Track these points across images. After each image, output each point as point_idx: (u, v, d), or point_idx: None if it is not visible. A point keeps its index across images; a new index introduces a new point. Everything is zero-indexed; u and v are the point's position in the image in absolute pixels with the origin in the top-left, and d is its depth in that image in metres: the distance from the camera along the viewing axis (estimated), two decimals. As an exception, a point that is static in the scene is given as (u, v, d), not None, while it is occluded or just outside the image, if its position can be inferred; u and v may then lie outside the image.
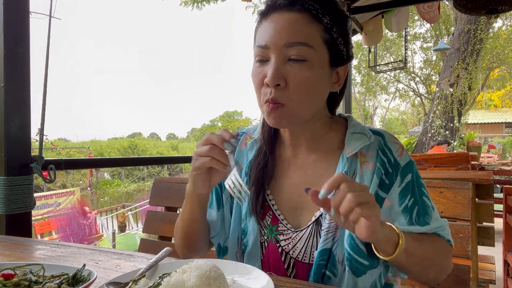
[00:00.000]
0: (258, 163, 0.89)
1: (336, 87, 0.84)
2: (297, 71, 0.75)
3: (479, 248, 2.21)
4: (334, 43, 0.79)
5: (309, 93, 0.77)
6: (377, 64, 6.03)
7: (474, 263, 2.10)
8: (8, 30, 1.28)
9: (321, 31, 0.77)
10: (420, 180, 0.84)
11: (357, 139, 0.83)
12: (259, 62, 0.79)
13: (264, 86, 0.78)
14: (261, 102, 0.80)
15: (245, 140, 0.96)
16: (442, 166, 3.46)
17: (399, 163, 0.82)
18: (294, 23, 0.75)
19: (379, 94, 23.81)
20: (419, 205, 0.81)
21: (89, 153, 23.69)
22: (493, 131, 23.42)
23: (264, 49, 0.77)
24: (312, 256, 0.81)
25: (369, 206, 0.62)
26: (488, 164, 8.04)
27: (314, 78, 0.76)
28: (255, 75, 0.80)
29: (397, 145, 0.84)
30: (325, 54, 0.78)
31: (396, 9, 4.44)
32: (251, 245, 0.86)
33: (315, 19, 0.76)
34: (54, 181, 1.42)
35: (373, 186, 0.80)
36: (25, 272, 0.66)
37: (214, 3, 10.24)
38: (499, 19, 16.18)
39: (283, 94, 0.76)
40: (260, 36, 0.79)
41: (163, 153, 28.30)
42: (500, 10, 2.97)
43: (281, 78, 0.75)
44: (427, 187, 0.86)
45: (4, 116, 1.27)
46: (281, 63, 0.75)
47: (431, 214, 0.82)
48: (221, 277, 0.61)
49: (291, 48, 0.75)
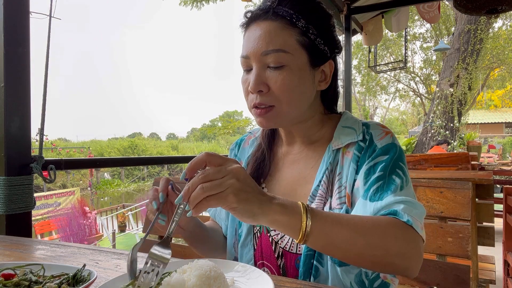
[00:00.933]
0: (255, 158, 0.95)
1: (323, 85, 0.87)
2: (277, 76, 0.79)
3: (479, 248, 2.21)
4: (312, 44, 0.82)
5: (292, 95, 0.81)
6: (377, 64, 6.03)
7: (474, 263, 2.10)
8: (8, 30, 1.28)
9: (296, 35, 0.80)
10: (399, 163, 0.79)
11: (346, 134, 0.85)
12: (245, 71, 0.85)
13: (250, 93, 0.83)
14: (250, 107, 0.85)
15: (249, 139, 1.04)
16: (442, 166, 3.46)
17: (375, 145, 0.81)
18: (268, 32, 0.79)
19: (379, 94, 23.82)
20: (383, 181, 0.76)
21: (89, 153, 23.71)
22: (493, 131, 23.42)
23: (246, 59, 0.82)
24: (299, 247, 0.83)
25: (223, 195, 0.60)
26: (488, 164, 8.04)
27: (294, 81, 0.80)
28: (243, 83, 0.85)
29: (380, 130, 0.84)
30: (303, 56, 0.81)
31: (396, 9, 4.44)
32: (245, 235, 0.91)
33: (289, 24, 0.80)
34: (54, 181, 1.42)
35: (351, 174, 0.81)
36: (25, 272, 0.66)
37: (213, 2, 10.25)
38: (499, 19, 16.19)
39: (269, 98, 0.80)
40: (243, 47, 0.84)
41: (163, 153, 28.31)
42: (500, 10, 2.97)
43: (263, 84, 0.80)
44: (427, 187, 0.85)
45: (4, 116, 1.27)
46: (261, 71, 0.80)
47: (392, 192, 0.74)
48: (221, 277, 0.61)
49: (268, 56, 0.79)
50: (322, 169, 0.85)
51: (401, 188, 0.75)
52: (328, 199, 0.83)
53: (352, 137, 0.84)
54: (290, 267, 0.84)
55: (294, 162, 0.92)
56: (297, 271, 0.83)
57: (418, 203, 0.74)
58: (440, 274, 1.01)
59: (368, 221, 0.69)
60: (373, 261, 0.68)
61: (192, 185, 0.61)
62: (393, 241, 0.68)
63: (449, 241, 1.07)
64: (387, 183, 0.76)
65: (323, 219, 0.66)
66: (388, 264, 0.69)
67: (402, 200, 0.72)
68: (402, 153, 0.81)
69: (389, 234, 0.68)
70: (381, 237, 0.67)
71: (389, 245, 0.67)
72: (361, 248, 0.67)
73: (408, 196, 0.74)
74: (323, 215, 0.67)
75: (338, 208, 0.81)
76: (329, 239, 0.66)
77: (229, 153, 1.08)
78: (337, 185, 0.83)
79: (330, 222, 0.67)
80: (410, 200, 0.73)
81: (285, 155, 0.94)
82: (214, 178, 0.61)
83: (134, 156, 20.33)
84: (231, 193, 0.61)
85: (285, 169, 0.92)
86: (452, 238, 1.06)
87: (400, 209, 0.70)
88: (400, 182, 0.76)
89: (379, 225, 0.69)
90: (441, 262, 1.02)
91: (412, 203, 0.72)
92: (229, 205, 0.61)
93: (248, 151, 1.00)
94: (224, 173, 0.62)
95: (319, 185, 0.84)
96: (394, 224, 0.69)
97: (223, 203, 0.61)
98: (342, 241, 0.67)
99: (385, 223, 0.69)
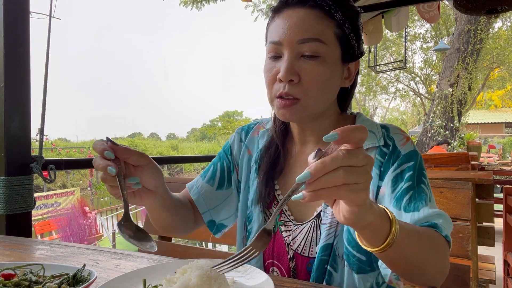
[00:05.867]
0: (269, 155, 0.91)
1: (347, 83, 0.85)
2: (311, 67, 0.75)
3: (479, 248, 2.21)
4: (346, 39, 0.79)
5: (323, 88, 0.77)
6: (377, 64, 6.03)
7: (474, 263, 2.09)
8: (8, 30, 1.28)
9: (334, 27, 0.77)
10: (423, 171, 0.79)
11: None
12: (271, 58, 0.80)
13: (276, 82, 0.78)
14: (271, 97, 0.80)
15: (258, 129, 0.99)
16: (442, 166, 3.46)
17: (399, 151, 0.79)
18: (307, 19, 0.76)
19: (379, 94, 23.81)
20: (413, 191, 0.74)
21: (89, 153, 23.69)
22: (493, 131, 23.41)
23: (277, 45, 0.78)
24: (311, 250, 0.81)
25: (357, 188, 0.49)
26: (488, 164, 8.04)
27: (327, 73, 0.77)
28: (268, 70, 0.80)
29: (401, 135, 0.82)
30: (337, 49, 0.78)
31: (396, 9, 4.43)
32: (255, 233, 0.88)
33: (327, 15, 0.77)
34: (54, 181, 1.42)
35: (374, 180, 0.79)
36: (25, 272, 0.66)
37: (213, 3, 10.24)
38: (499, 19, 16.18)
39: (297, 89, 0.76)
40: (273, 33, 0.79)
41: (163, 153, 28.29)
42: (500, 10, 2.97)
43: (295, 74, 0.75)
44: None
45: (4, 116, 1.27)
46: (294, 59, 0.76)
47: (426, 203, 0.73)
48: (222, 277, 0.61)
49: (304, 44, 0.75)
50: None
51: (430, 199, 0.74)
52: None
53: (372, 141, 0.81)
54: (301, 270, 0.82)
55: (307, 163, 0.88)
56: (308, 275, 0.81)
57: (449, 217, 0.73)
58: (440, 274, 1.00)
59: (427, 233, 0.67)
60: (424, 277, 0.66)
61: (330, 163, 0.47)
62: (441, 259, 0.67)
63: (449, 241, 1.07)
64: (418, 192, 0.74)
65: (403, 227, 0.59)
66: (432, 281, 0.68)
67: (439, 214, 0.71)
68: (422, 160, 0.81)
69: (438, 249, 0.67)
70: (435, 252, 0.66)
71: (440, 263, 0.67)
72: (423, 262, 0.64)
73: (436, 207, 0.74)
74: (401, 222, 0.60)
75: None
76: (404, 251, 0.60)
77: (235, 135, 1.01)
78: None
79: (408, 232, 0.60)
80: (444, 215, 0.72)
81: (298, 154, 0.90)
82: (358, 164, 0.48)
83: (134, 156, 20.22)
84: (365, 189, 0.49)
85: (298, 170, 0.88)
86: (452, 238, 1.06)
87: (440, 223, 0.69)
88: (429, 192, 0.76)
89: (433, 239, 0.67)
90: (441, 262, 1.02)
91: (446, 218, 0.72)
92: (358, 201, 0.49)
93: (258, 142, 0.96)
94: (366, 160, 0.49)
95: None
96: (439, 239, 0.68)
97: (354, 199, 0.49)
98: (411, 255, 0.62)
99: (434, 237, 0.67)
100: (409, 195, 0.73)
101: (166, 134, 57.48)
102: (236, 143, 1.00)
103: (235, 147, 1.00)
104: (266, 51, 0.82)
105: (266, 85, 0.81)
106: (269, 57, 0.80)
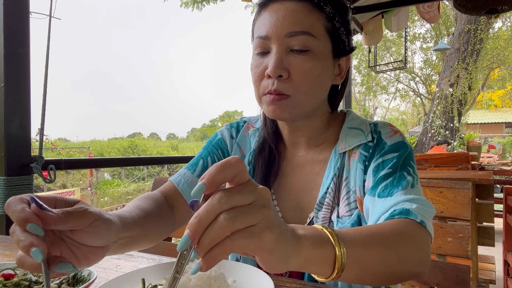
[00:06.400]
0: (264, 158, 0.86)
1: (338, 80, 0.82)
2: (300, 61, 0.72)
3: (479, 248, 2.21)
4: (336, 33, 0.77)
5: (314, 84, 0.74)
6: (377, 64, 6.03)
7: (474, 263, 2.10)
8: (8, 30, 1.28)
9: (324, 20, 0.74)
10: (410, 162, 0.74)
11: (354, 136, 0.80)
12: (259, 54, 0.76)
13: (264, 78, 0.74)
14: (259, 94, 0.76)
15: (248, 128, 0.94)
16: (442, 166, 3.46)
17: (385, 143, 0.76)
18: (295, 12, 0.72)
19: (379, 94, 23.83)
20: (393, 177, 0.70)
21: (89, 153, 23.70)
22: (493, 131, 23.40)
23: (265, 40, 0.74)
24: None
25: (255, 231, 0.40)
26: (488, 164, 8.04)
27: (318, 68, 0.73)
28: (255, 67, 0.76)
29: (389, 128, 0.80)
30: (327, 44, 0.75)
31: (396, 9, 4.43)
32: None
33: (317, 7, 0.74)
34: (54, 181, 1.42)
35: (360, 176, 0.76)
36: (25, 272, 0.66)
37: (214, 3, 10.25)
38: (499, 19, 16.19)
39: (287, 85, 0.72)
40: (260, 27, 0.75)
41: (163, 153, 28.29)
42: (500, 10, 2.97)
43: (284, 69, 0.72)
44: (427, 187, 0.84)
45: (4, 116, 1.27)
46: (283, 54, 0.72)
47: (403, 188, 0.68)
48: (222, 277, 0.61)
49: (293, 38, 0.71)
50: (330, 175, 0.79)
51: (412, 186, 0.69)
52: (335, 207, 0.78)
53: (360, 138, 0.79)
54: (295, 274, 0.80)
55: (299, 166, 0.85)
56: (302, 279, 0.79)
57: (428, 202, 0.68)
58: (440, 274, 1.01)
59: (390, 230, 0.59)
60: (401, 276, 0.59)
61: (206, 215, 0.39)
62: (417, 251, 0.60)
63: (449, 241, 1.07)
64: (398, 179, 0.70)
65: (352, 241, 0.52)
66: (411, 275, 0.60)
67: (413, 199, 0.66)
68: (412, 152, 0.77)
69: (411, 241, 0.60)
70: (407, 247, 0.59)
71: (414, 254, 0.60)
72: (393, 266, 0.57)
73: (418, 195, 0.68)
74: (350, 236, 0.52)
75: (347, 216, 0.76)
76: (363, 264, 0.53)
77: (225, 131, 0.95)
78: (345, 191, 0.78)
79: (361, 243, 0.53)
80: (421, 199, 0.67)
81: (290, 157, 0.87)
82: (242, 203, 0.40)
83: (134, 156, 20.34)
84: (267, 228, 0.41)
85: (290, 173, 0.85)
86: (452, 238, 1.06)
87: (413, 208, 0.64)
88: (412, 179, 0.70)
89: (402, 234, 0.59)
90: (441, 262, 1.02)
91: (423, 201, 0.67)
92: (264, 246, 0.41)
93: (250, 142, 0.91)
94: (254, 194, 0.42)
95: (326, 193, 0.78)
96: (411, 228, 0.61)
97: (256, 244, 0.40)
98: (377, 264, 0.54)
99: (404, 230, 0.60)
100: (386, 182, 0.70)
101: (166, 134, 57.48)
102: (228, 139, 0.94)
103: (227, 142, 0.94)
104: (252, 48, 0.78)
105: (254, 82, 0.77)
106: (256, 53, 0.76)
